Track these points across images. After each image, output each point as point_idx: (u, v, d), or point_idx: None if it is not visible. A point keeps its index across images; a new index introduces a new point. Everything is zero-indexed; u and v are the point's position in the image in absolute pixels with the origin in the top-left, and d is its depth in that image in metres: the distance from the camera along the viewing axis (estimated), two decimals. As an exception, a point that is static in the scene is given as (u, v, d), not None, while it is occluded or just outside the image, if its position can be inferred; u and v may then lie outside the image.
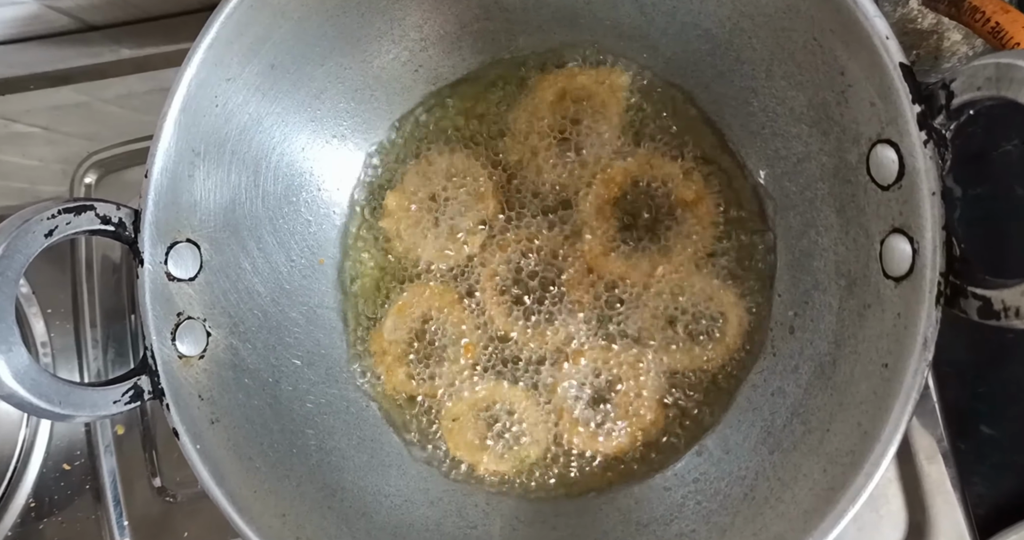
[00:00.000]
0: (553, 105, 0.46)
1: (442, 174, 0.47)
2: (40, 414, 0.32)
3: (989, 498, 0.47)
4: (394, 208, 0.48)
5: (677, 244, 0.44)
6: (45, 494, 0.52)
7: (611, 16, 0.43)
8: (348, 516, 0.40)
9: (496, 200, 0.46)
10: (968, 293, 0.29)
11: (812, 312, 0.38)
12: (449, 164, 0.47)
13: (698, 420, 0.43)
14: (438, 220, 0.47)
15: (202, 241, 0.39)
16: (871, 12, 0.30)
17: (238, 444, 0.38)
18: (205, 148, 0.39)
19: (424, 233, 0.47)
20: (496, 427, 0.45)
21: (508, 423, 0.45)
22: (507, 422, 0.45)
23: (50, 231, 0.33)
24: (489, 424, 0.45)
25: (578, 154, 0.46)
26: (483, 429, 0.45)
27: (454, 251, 0.47)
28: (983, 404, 0.48)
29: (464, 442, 0.45)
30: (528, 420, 0.45)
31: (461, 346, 0.46)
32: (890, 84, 0.30)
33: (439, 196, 0.47)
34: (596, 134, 0.46)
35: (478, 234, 0.46)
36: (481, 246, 0.46)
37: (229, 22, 0.37)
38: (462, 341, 0.46)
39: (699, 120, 0.45)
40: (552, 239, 0.46)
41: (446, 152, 0.47)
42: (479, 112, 0.48)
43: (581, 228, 0.45)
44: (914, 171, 0.30)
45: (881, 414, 0.30)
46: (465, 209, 0.47)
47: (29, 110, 0.57)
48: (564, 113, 0.46)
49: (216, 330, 0.39)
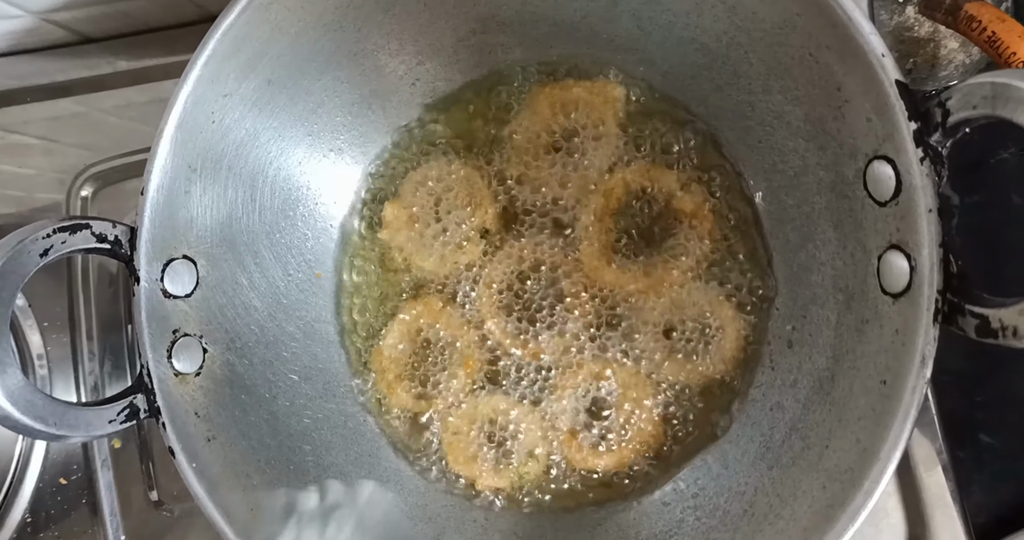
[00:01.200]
0: (550, 117, 0.46)
1: (440, 186, 0.47)
2: (35, 435, 0.31)
3: (988, 507, 0.47)
4: (392, 219, 0.47)
5: (675, 256, 0.44)
6: (41, 508, 0.52)
7: (608, 30, 0.43)
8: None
9: (494, 211, 0.46)
10: (966, 311, 0.29)
11: (810, 327, 0.38)
12: (447, 175, 0.47)
13: (697, 434, 0.43)
14: (436, 231, 0.47)
15: (199, 257, 0.39)
16: (867, 29, 0.30)
17: (235, 461, 0.38)
18: (202, 164, 0.38)
19: (423, 244, 0.47)
20: (496, 441, 0.45)
21: (507, 437, 0.45)
22: (506, 436, 0.45)
23: (45, 250, 0.33)
24: (489, 438, 0.45)
25: (576, 166, 0.46)
26: (483, 443, 0.45)
27: (452, 262, 0.46)
28: (982, 413, 0.48)
29: (464, 456, 0.45)
30: (527, 435, 0.45)
31: (460, 359, 0.46)
32: (886, 101, 0.30)
33: (437, 207, 0.47)
34: (593, 145, 0.46)
35: (477, 244, 0.46)
36: (480, 255, 0.46)
37: (226, 38, 0.37)
38: (462, 354, 0.46)
39: (696, 133, 0.45)
40: (551, 250, 0.46)
41: (444, 164, 0.47)
42: (476, 125, 0.48)
43: (579, 240, 0.45)
44: (911, 188, 0.30)
45: (880, 431, 0.30)
46: (463, 220, 0.47)
47: (27, 121, 0.56)
48: (561, 125, 0.46)
49: (212, 346, 0.39)
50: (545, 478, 0.44)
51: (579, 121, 0.46)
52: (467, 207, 0.47)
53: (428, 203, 0.47)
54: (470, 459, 0.45)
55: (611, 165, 0.45)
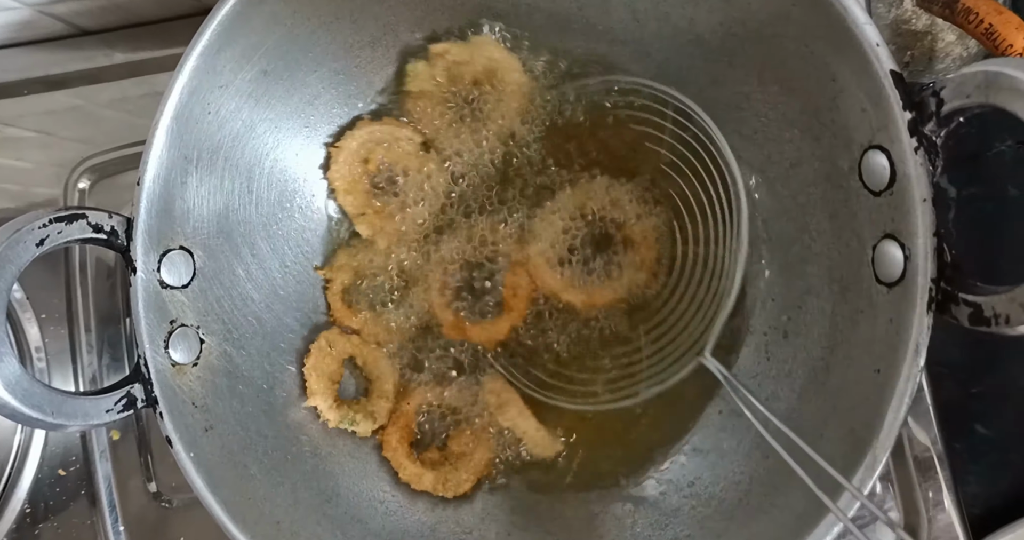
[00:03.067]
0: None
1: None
2: (33, 424, 0.32)
3: (984, 497, 0.47)
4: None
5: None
6: (40, 499, 0.52)
7: (604, 21, 0.43)
8: (343, 522, 0.41)
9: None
10: (959, 300, 0.29)
11: (806, 317, 0.39)
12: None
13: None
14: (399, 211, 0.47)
15: (195, 248, 0.39)
16: (861, 19, 0.31)
17: (232, 451, 0.38)
18: (198, 155, 0.39)
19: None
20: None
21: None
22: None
23: (41, 240, 0.33)
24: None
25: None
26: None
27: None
28: (978, 404, 0.48)
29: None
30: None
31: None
32: (881, 91, 0.31)
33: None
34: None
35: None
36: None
37: (221, 29, 0.37)
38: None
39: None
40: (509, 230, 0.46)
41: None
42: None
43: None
44: (905, 177, 0.30)
45: (874, 420, 0.31)
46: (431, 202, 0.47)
47: (23, 114, 0.56)
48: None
49: (210, 337, 0.39)
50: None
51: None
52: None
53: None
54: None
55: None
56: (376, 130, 0.46)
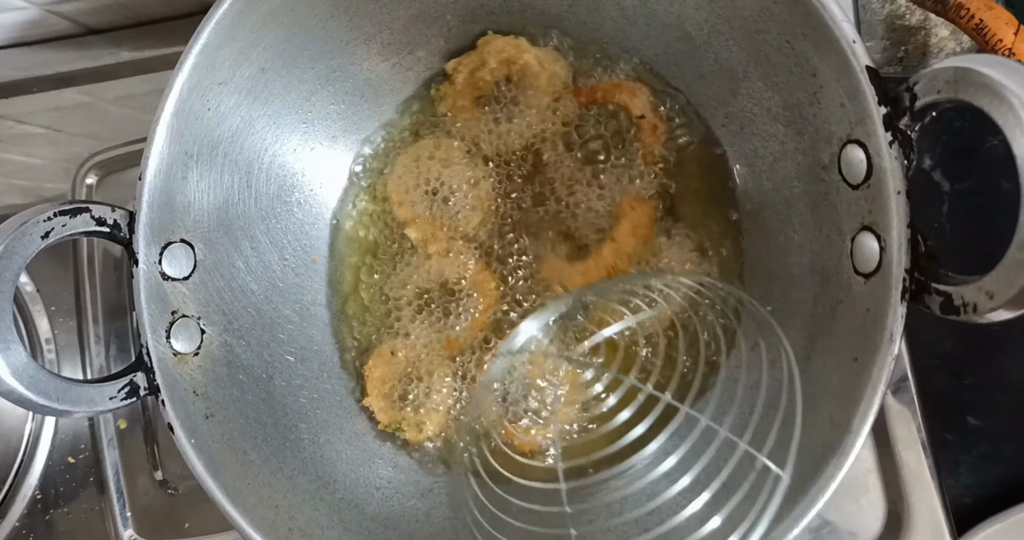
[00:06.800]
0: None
1: (435, 164, 0.48)
2: (38, 410, 0.33)
3: (975, 488, 0.48)
4: (389, 196, 0.48)
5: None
6: (51, 486, 0.53)
7: (594, 19, 0.44)
8: (340, 507, 0.41)
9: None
10: (932, 289, 0.29)
11: (789, 308, 0.39)
12: (440, 155, 0.48)
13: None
14: (433, 205, 0.48)
15: (196, 241, 0.40)
16: (838, 17, 0.31)
17: (232, 438, 0.39)
18: (198, 151, 0.40)
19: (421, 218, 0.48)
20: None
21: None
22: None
23: (46, 233, 0.34)
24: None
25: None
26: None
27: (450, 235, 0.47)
28: (970, 395, 0.49)
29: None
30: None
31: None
32: (857, 86, 0.31)
33: (433, 185, 0.48)
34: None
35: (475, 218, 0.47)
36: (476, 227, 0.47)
37: (219, 27, 0.38)
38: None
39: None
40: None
41: (440, 144, 0.48)
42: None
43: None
44: (881, 170, 0.31)
45: (851, 406, 0.31)
46: (462, 197, 0.47)
47: (32, 112, 0.58)
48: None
49: (210, 328, 0.40)
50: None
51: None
52: (465, 185, 0.47)
53: (423, 180, 0.48)
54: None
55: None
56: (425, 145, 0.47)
